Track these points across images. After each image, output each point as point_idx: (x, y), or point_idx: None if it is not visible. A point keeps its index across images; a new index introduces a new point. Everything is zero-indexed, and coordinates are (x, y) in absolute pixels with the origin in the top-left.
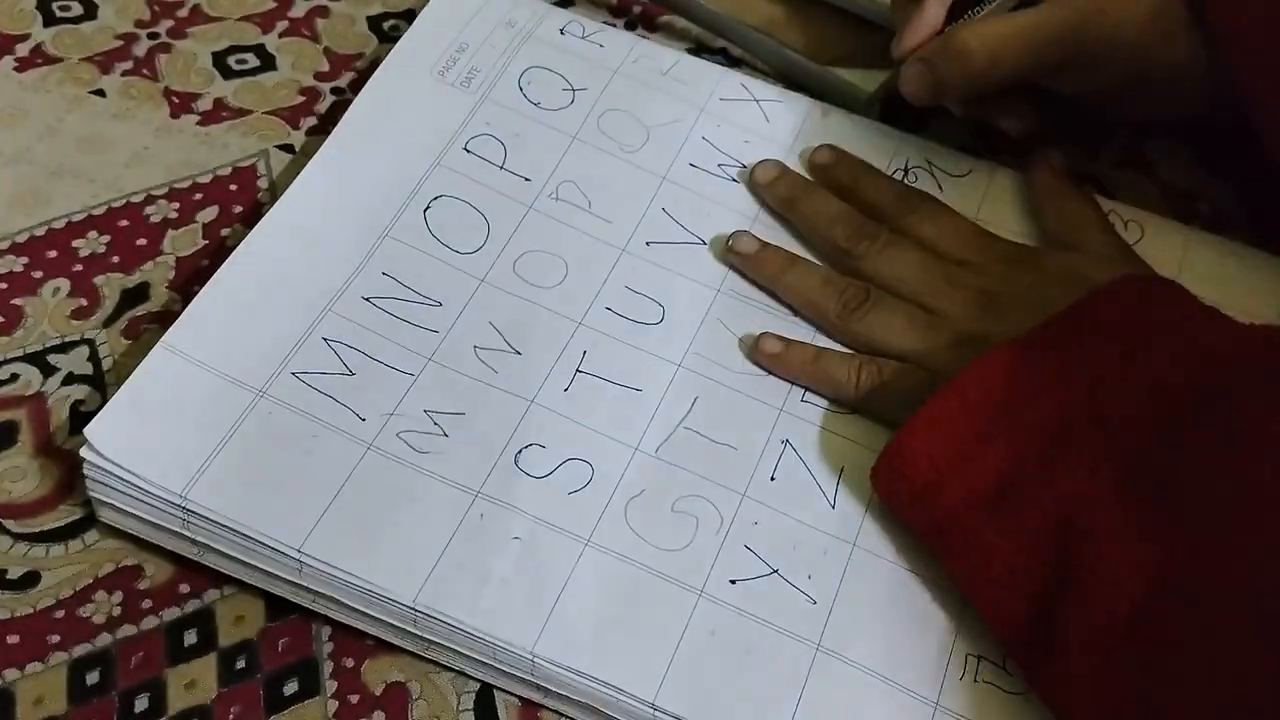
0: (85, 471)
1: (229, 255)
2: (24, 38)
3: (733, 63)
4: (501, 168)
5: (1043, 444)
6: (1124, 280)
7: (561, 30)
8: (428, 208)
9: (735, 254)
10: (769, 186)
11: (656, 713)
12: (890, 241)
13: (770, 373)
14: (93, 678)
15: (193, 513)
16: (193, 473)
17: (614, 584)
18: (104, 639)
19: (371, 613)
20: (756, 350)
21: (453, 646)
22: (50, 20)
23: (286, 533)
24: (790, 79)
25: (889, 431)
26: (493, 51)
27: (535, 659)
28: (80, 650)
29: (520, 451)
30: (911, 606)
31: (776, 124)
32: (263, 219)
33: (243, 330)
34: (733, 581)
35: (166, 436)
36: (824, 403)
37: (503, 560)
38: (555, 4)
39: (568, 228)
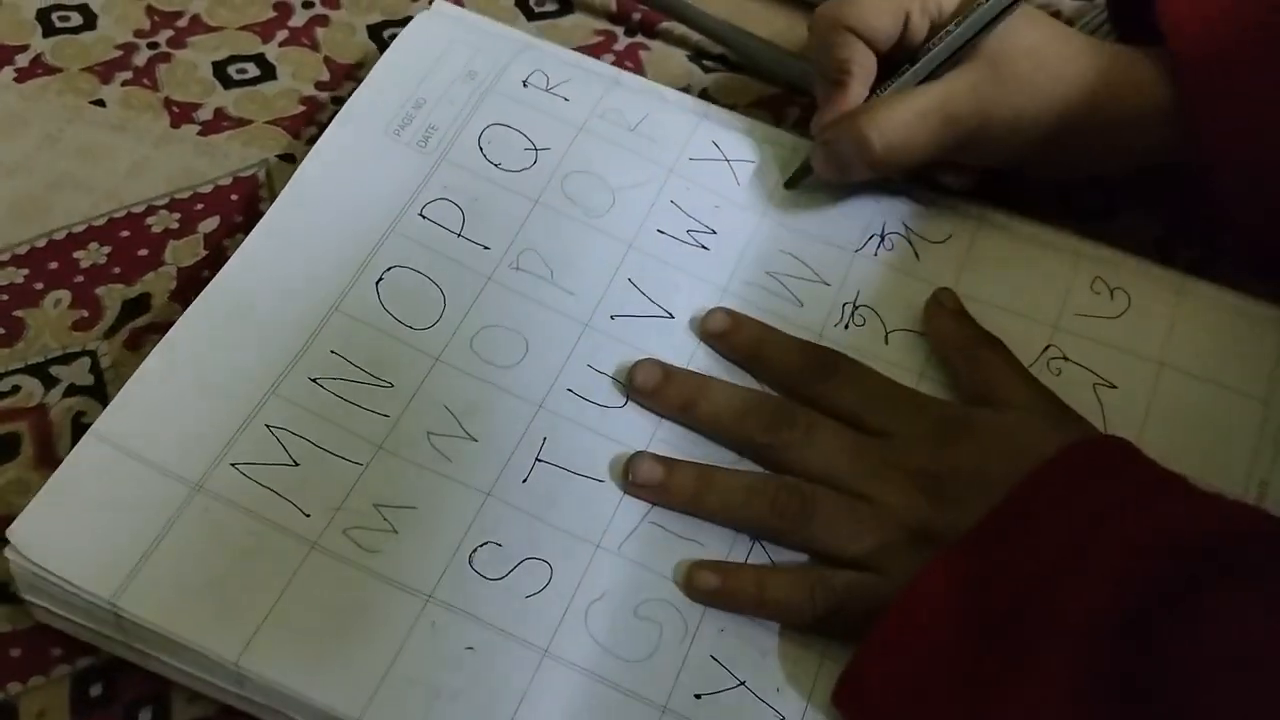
0: (12, 571)
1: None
2: (24, 48)
3: (732, 68)
4: (459, 235)
5: (1004, 653)
6: (1067, 453)
7: (524, 82)
8: (380, 279)
9: (637, 485)
10: (655, 395)
11: None
12: (811, 425)
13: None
14: (95, 690)
15: (125, 620)
16: (123, 577)
17: (572, 700)
18: (104, 653)
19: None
20: (691, 587)
21: None
22: (50, 30)
23: (224, 644)
24: (792, 85)
25: None
26: (451, 108)
27: None
28: (82, 663)
29: (475, 550)
30: None
31: (747, 187)
32: (203, 291)
33: (179, 417)
34: (698, 696)
35: (95, 536)
36: None
37: (455, 674)
38: (550, 14)
39: (528, 300)
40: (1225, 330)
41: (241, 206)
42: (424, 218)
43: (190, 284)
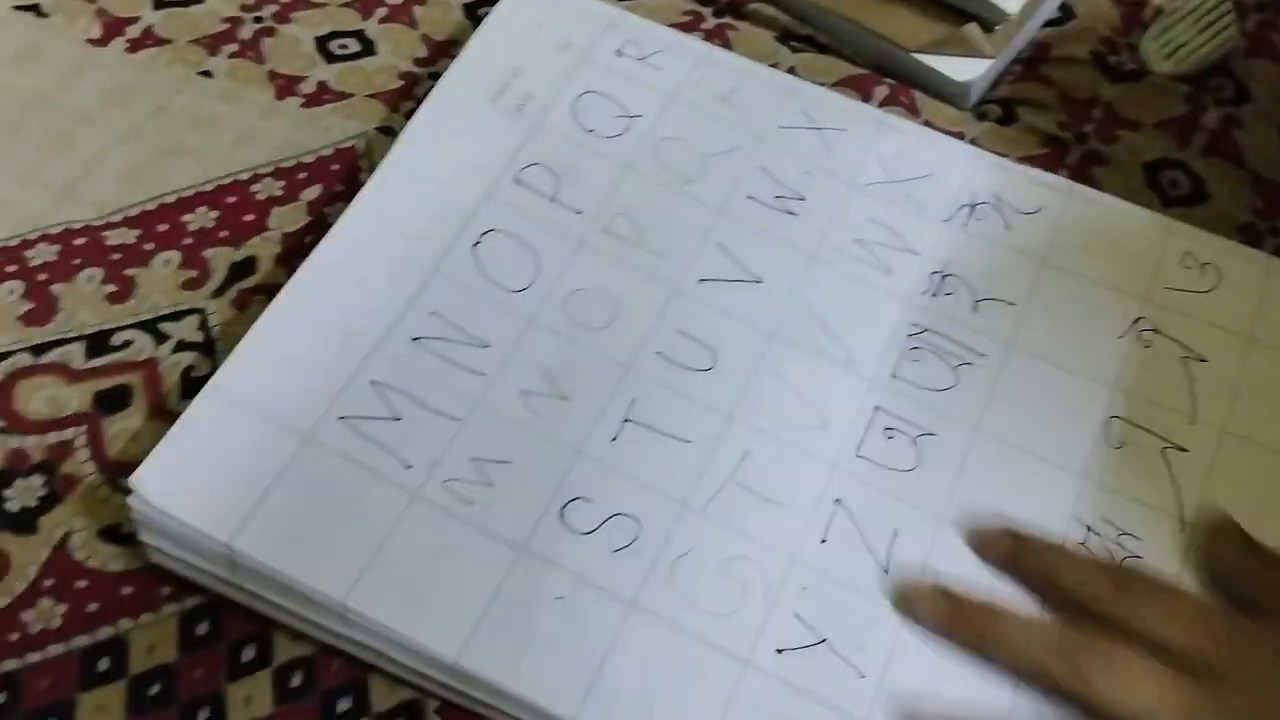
0: (133, 516)
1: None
2: (135, 20)
3: (820, 50)
4: (552, 200)
5: None
6: None
7: (618, 51)
8: (477, 243)
9: (914, 613)
10: (943, 630)
11: None
12: (1113, 661)
13: None
14: (201, 629)
15: (239, 564)
16: (238, 520)
17: (658, 650)
18: (211, 593)
19: (417, 667)
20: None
21: (497, 705)
22: (160, 3)
23: (331, 584)
24: (881, 67)
25: (948, 495)
26: (546, 76)
27: None
28: (190, 602)
29: (566, 505)
30: (963, 684)
31: (837, 155)
32: (309, 256)
33: (291, 373)
34: (779, 651)
35: (213, 483)
36: (879, 460)
37: (546, 622)
38: None
39: (619, 265)
40: None
41: (342, 176)
42: (519, 183)
43: (294, 248)
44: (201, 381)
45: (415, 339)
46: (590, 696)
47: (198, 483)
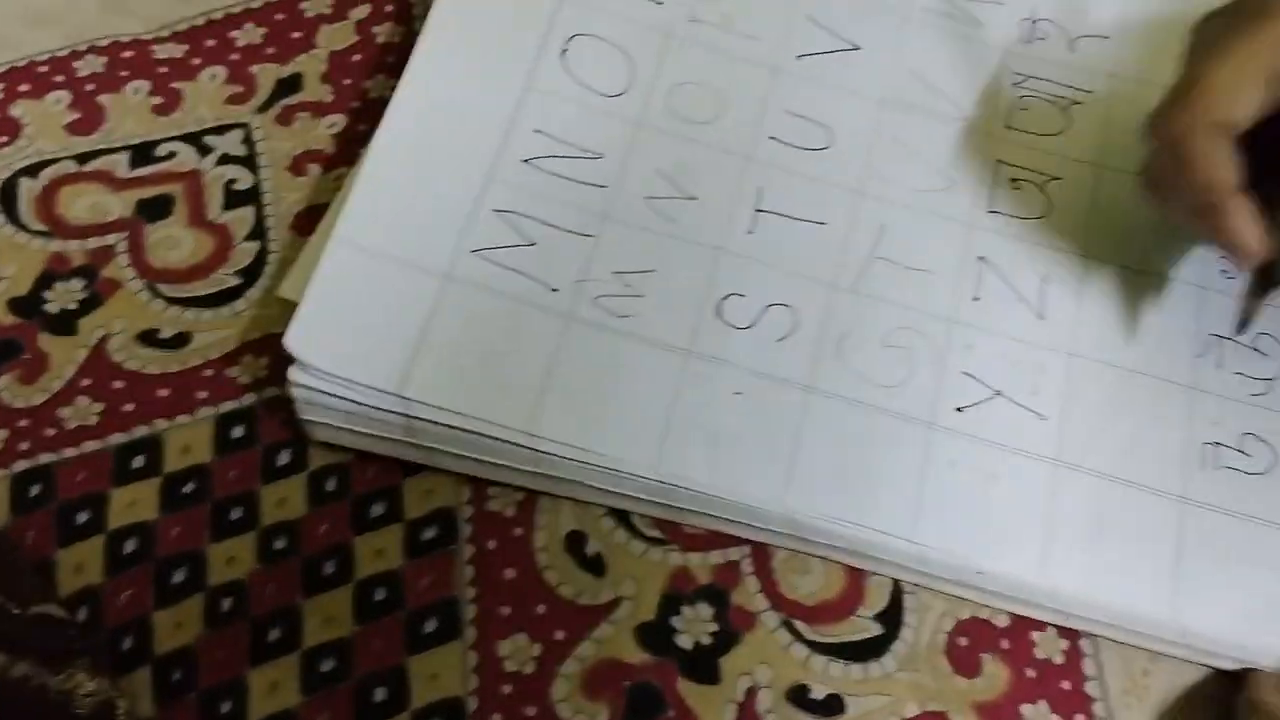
0: (291, 392)
1: (383, 51)
2: None
3: None
4: None
5: None
6: None
7: None
8: (564, 51)
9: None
10: None
11: (917, 546)
12: None
13: None
14: (237, 432)
15: (415, 416)
16: (402, 369)
17: (845, 427)
18: (249, 398)
19: (616, 489)
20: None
21: (701, 510)
22: None
23: (512, 415)
24: None
25: (1084, 234)
26: None
27: (794, 516)
28: (227, 406)
29: (720, 303)
30: (1139, 406)
31: None
32: (395, 93)
33: (411, 214)
34: (959, 409)
35: (365, 336)
36: (1011, 211)
37: (729, 418)
38: None
39: (714, 52)
40: None
41: None
42: None
43: (342, 67)
44: (243, 194)
45: (526, 160)
46: (790, 484)
47: (350, 338)
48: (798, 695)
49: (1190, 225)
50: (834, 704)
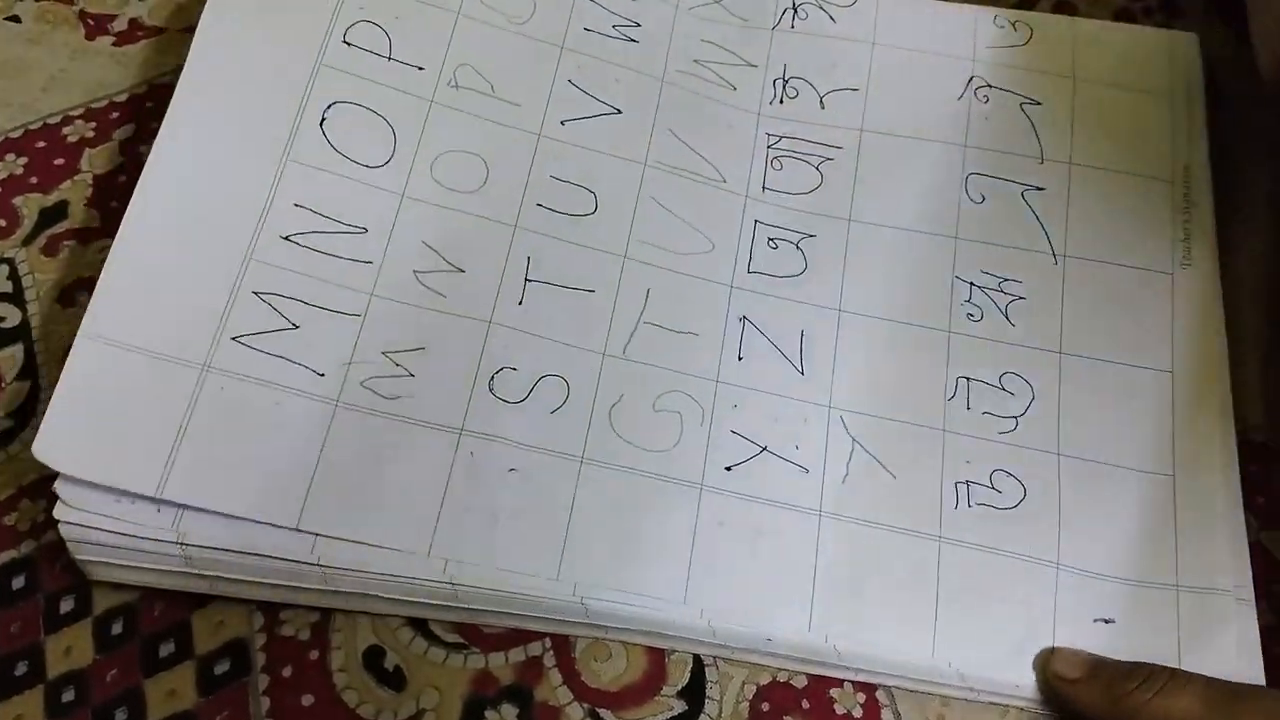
0: (62, 532)
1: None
2: None
3: None
4: (390, 58)
5: None
6: None
7: None
8: (323, 119)
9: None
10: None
11: (700, 618)
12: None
13: None
14: (18, 583)
15: (189, 544)
16: (161, 470)
17: (618, 496)
18: (27, 546)
19: (406, 596)
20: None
21: (492, 609)
22: None
23: (280, 514)
24: None
25: (840, 288)
26: None
27: (582, 600)
28: (5, 556)
29: (493, 377)
30: (896, 454)
31: None
32: (144, 171)
33: (163, 301)
34: (728, 469)
35: (120, 436)
36: (770, 270)
37: (505, 495)
38: None
39: (477, 119)
40: (1120, 43)
41: (158, 112)
42: (349, 44)
43: (108, 190)
44: (10, 332)
45: (285, 237)
46: (566, 555)
47: (104, 440)
48: None
49: None
50: None
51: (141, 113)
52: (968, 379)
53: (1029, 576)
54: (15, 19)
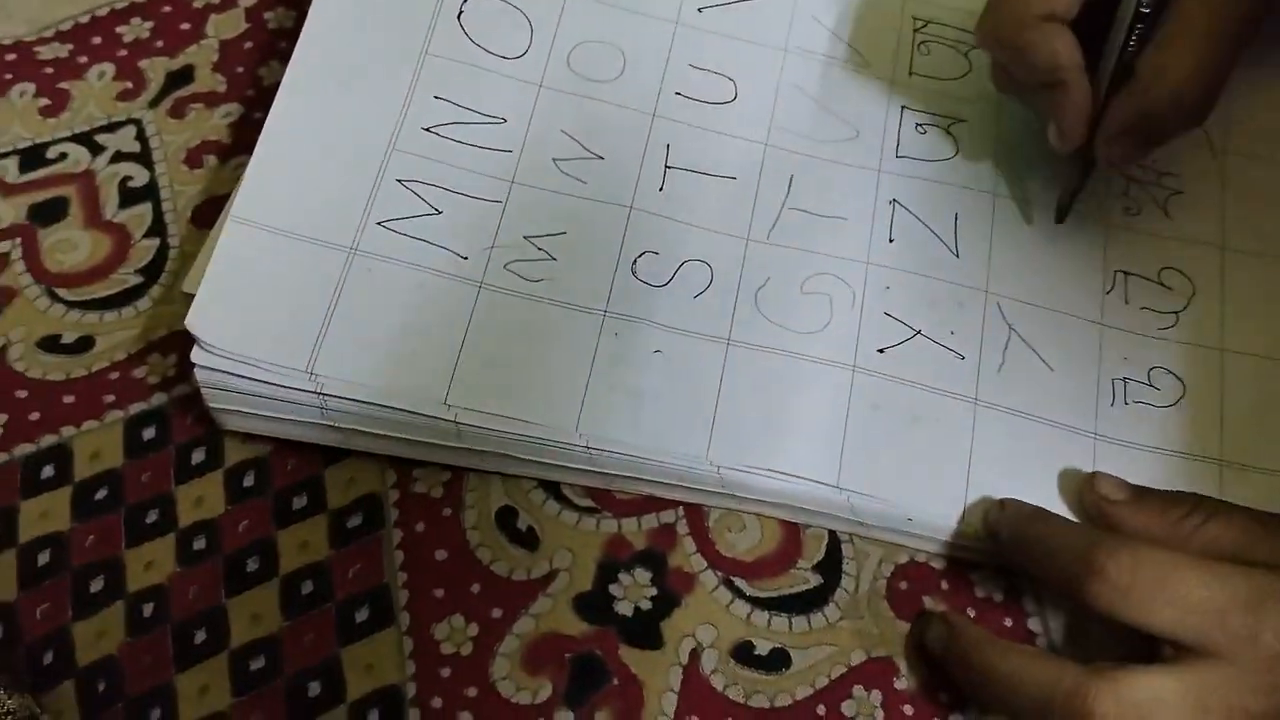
0: (198, 378)
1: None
2: None
3: None
4: None
5: None
6: None
7: None
8: (460, 13)
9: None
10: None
11: (844, 493)
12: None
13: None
14: (148, 434)
15: (327, 393)
16: (310, 347)
17: (767, 377)
18: (158, 398)
19: (543, 459)
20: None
21: (630, 474)
22: None
23: (430, 390)
24: None
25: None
26: None
27: (719, 469)
28: (136, 408)
29: (634, 262)
30: (1053, 346)
31: None
32: (292, 59)
33: (310, 187)
34: (881, 350)
35: (270, 314)
36: (920, 154)
37: (651, 377)
38: None
39: (614, 7)
40: None
41: None
42: None
43: (233, 56)
44: (139, 191)
45: (427, 128)
46: (714, 438)
47: (254, 318)
48: (742, 652)
49: (1044, 110)
50: (779, 658)
51: None
52: (1125, 273)
53: (1188, 475)
54: None
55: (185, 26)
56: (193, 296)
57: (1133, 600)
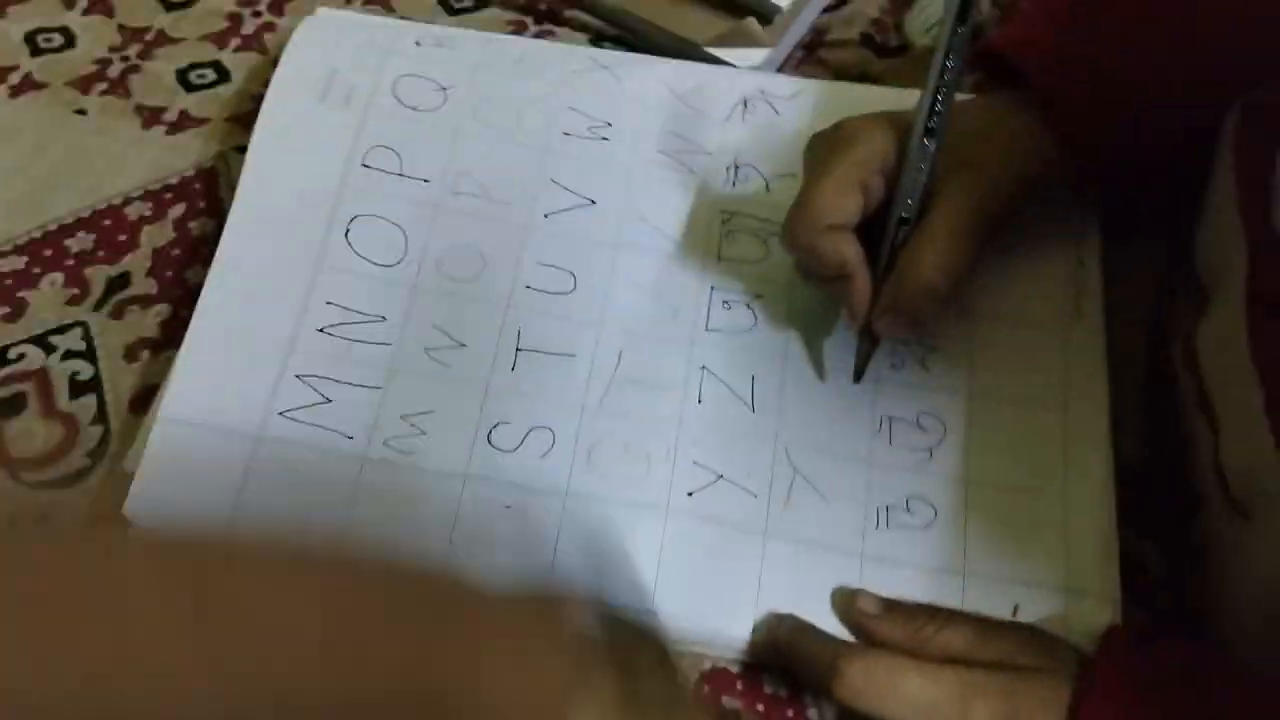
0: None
1: (199, 254)
2: (14, 68)
3: (631, 48)
4: (401, 175)
5: None
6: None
7: (417, 43)
8: (348, 231)
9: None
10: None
11: (656, 614)
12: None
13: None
14: None
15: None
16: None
17: (598, 521)
18: None
19: None
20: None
21: None
22: (36, 51)
23: None
24: (681, 56)
25: (785, 340)
26: (362, 70)
27: None
28: None
29: (490, 431)
30: (829, 481)
31: (627, 83)
32: (207, 280)
33: (225, 386)
34: (690, 494)
35: (192, 499)
36: (725, 327)
37: (504, 527)
38: (468, 10)
39: (474, 219)
40: None
41: (204, 193)
42: (367, 167)
43: (164, 261)
44: (85, 385)
45: (320, 329)
46: (555, 571)
47: (180, 503)
48: None
49: (836, 296)
50: None
51: (191, 193)
52: (890, 418)
53: (939, 585)
54: (82, 112)
55: (122, 237)
56: (133, 475)
57: (869, 698)
